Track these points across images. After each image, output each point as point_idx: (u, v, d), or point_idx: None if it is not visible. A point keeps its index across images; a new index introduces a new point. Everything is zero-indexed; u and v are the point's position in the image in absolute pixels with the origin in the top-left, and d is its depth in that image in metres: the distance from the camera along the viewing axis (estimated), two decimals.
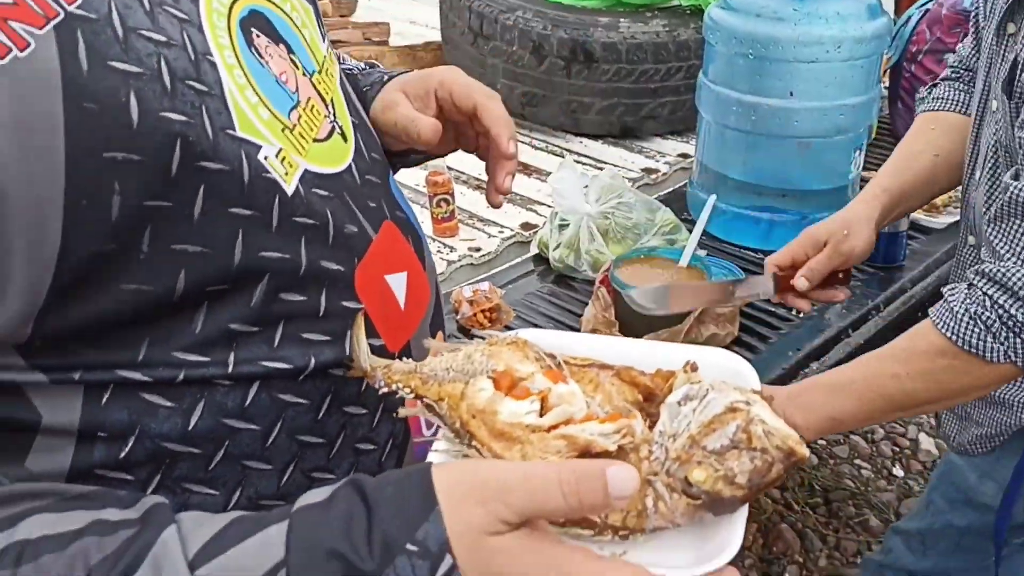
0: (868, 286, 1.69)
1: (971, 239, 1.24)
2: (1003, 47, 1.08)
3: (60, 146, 0.52)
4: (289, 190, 0.64)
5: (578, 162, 2.21)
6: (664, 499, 0.57)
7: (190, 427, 0.63)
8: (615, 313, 1.47)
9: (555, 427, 0.59)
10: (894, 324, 1.62)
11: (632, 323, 1.43)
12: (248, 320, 0.64)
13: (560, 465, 0.53)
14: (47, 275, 0.54)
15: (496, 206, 0.90)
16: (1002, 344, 0.96)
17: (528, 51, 2.25)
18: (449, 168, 1.90)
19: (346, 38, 2.75)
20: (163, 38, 0.58)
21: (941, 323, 1.00)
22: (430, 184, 1.86)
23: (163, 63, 0.57)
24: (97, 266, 0.56)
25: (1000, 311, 0.95)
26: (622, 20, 2.21)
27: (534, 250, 1.81)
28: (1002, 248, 0.99)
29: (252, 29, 0.67)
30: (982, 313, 0.97)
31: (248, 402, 0.65)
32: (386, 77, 0.94)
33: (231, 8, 0.65)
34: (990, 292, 0.97)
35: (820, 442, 2.73)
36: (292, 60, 0.70)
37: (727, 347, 1.50)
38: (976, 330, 0.97)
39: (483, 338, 0.69)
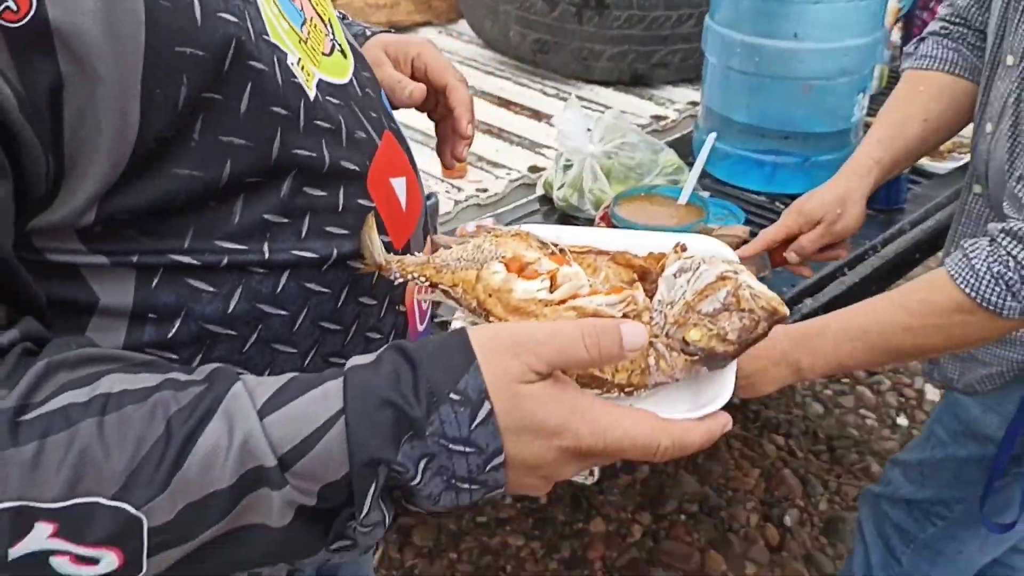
0: (867, 227, 1.69)
1: (976, 188, 1.25)
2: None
3: (141, 39, 0.58)
4: (311, 95, 0.70)
5: (588, 108, 2.24)
6: (665, 357, 0.66)
7: (229, 310, 0.69)
8: None
9: (564, 301, 0.67)
10: (890, 264, 1.65)
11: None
12: (279, 211, 0.70)
13: (582, 322, 0.61)
14: (124, 157, 0.60)
15: (449, 168, 1.04)
16: (1021, 303, 0.99)
17: None
18: None
19: None
20: None
21: (961, 279, 1.01)
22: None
23: None
24: (159, 151, 0.61)
25: (1022, 268, 0.98)
26: None
27: (540, 191, 1.84)
28: (1017, 198, 1.01)
29: None
30: (1004, 273, 0.99)
31: (280, 289, 0.71)
32: (368, 32, 1.04)
33: None
34: (1014, 252, 0.99)
35: (826, 391, 2.77)
36: None
37: None
38: (997, 288, 0.99)
39: (488, 232, 0.75)
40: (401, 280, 0.74)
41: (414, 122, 1.19)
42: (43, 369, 0.56)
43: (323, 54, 0.74)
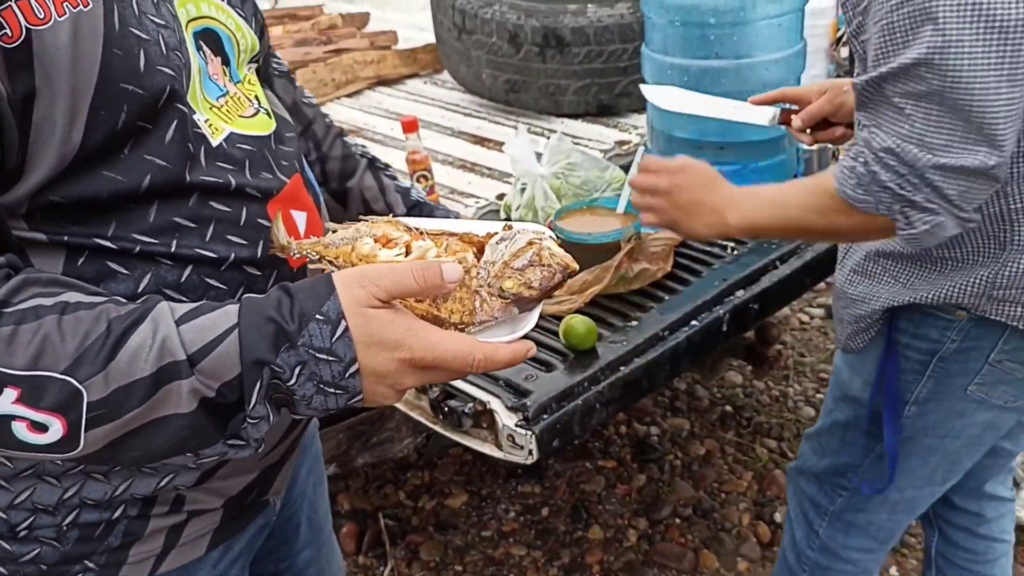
0: None
1: None
2: None
3: (95, 72, 0.78)
4: (214, 143, 0.90)
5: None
6: (487, 301, 0.85)
7: (139, 290, 0.86)
8: None
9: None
10: (822, 255, 1.77)
11: None
12: (187, 217, 0.87)
13: (413, 262, 0.82)
14: (68, 157, 0.78)
15: None
16: (869, 196, 1.14)
17: (506, 41, 2.45)
18: (426, 148, 2.11)
19: (354, 45, 3.00)
20: (163, 22, 0.86)
21: (834, 175, 1.19)
22: (410, 163, 2.07)
23: (161, 37, 0.85)
24: (95, 157, 0.80)
25: (868, 167, 1.13)
26: (589, 6, 2.40)
27: (503, 215, 2.01)
28: (866, 119, 1.17)
29: (200, 41, 0.94)
30: (856, 168, 1.15)
31: (183, 279, 0.88)
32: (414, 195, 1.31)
33: (188, 24, 0.93)
34: (862, 151, 1.15)
35: (818, 395, 2.85)
36: (224, 70, 0.97)
37: (658, 282, 1.68)
38: (851, 181, 1.16)
39: (366, 220, 0.93)
40: (298, 257, 0.92)
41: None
42: (21, 281, 0.75)
43: (241, 116, 0.96)
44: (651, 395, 2.83)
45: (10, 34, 0.73)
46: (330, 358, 0.76)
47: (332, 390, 0.77)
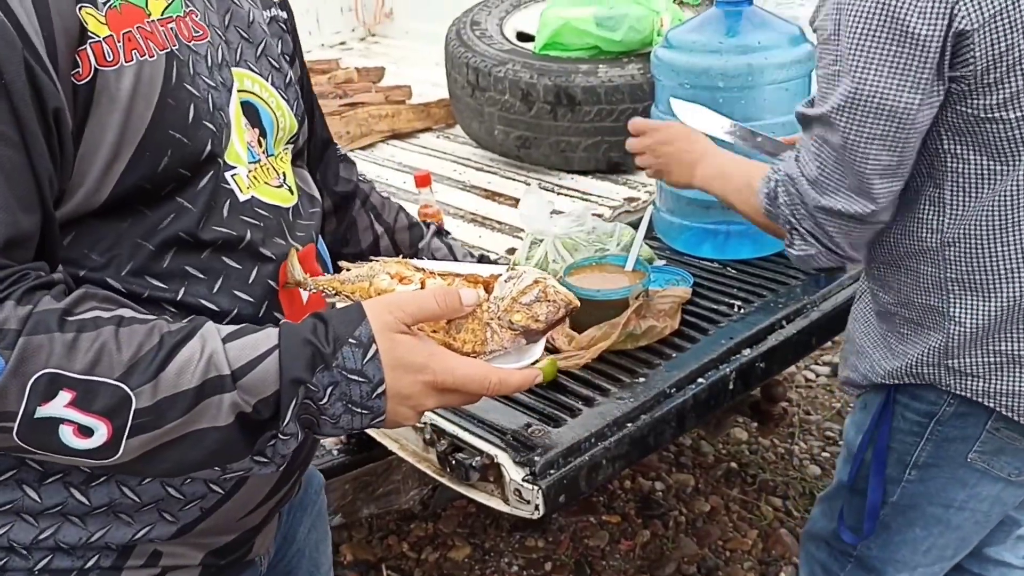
0: (807, 284, 1.86)
1: None
2: None
3: (149, 116, 0.86)
4: (241, 199, 0.96)
5: (568, 196, 2.45)
6: (497, 332, 0.93)
7: None
8: None
9: None
10: (828, 317, 1.79)
11: (577, 317, 1.64)
12: (199, 267, 0.92)
13: (435, 288, 0.92)
14: (105, 189, 0.85)
15: None
16: (770, 205, 1.35)
17: (518, 99, 2.50)
18: (439, 201, 2.15)
19: (369, 99, 3.06)
20: (213, 84, 0.94)
21: (761, 178, 1.39)
22: (422, 216, 2.11)
23: (210, 96, 0.93)
24: (131, 194, 0.87)
25: (773, 183, 1.35)
26: (600, 66, 2.46)
27: None
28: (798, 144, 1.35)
29: (243, 110, 1.01)
30: (770, 178, 1.36)
31: None
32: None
33: (236, 92, 1.00)
34: (776, 169, 1.36)
35: (824, 454, 2.85)
36: (261, 141, 1.04)
37: (665, 339, 1.70)
38: (764, 189, 1.36)
39: (377, 260, 1.01)
40: (314, 290, 0.98)
41: None
42: (82, 294, 0.82)
43: (267, 183, 1.02)
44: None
45: (81, 72, 0.82)
46: (360, 379, 0.83)
47: (359, 410, 0.84)
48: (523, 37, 2.84)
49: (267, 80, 1.05)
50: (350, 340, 0.83)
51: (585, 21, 2.54)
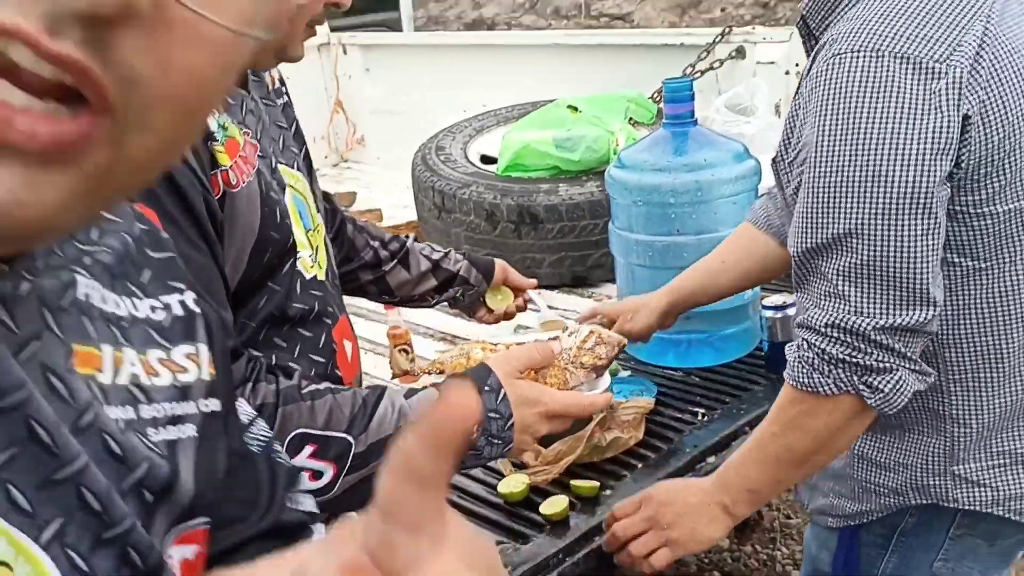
0: (768, 390, 1.90)
1: None
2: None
3: (257, 223, 1.09)
4: (307, 277, 1.21)
5: (531, 309, 2.50)
6: (573, 373, 1.27)
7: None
8: None
9: None
10: None
11: None
12: (282, 338, 1.17)
13: (534, 343, 1.25)
14: (232, 285, 1.07)
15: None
16: (826, 377, 1.15)
17: (483, 219, 2.59)
18: (406, 321, 2.19)
19: None
20: (278, 187, 1.16)
21: (786, 375, 1.20)
22: (391, 337, 2.14)
23: (281, 199, 1.15)
24: (249, 286, 1.10)
25: (816, 349, 1.15)
26: (561, 185, 2.55)
27: None
28: (803, 300, 1.22)
29: None
30: (804, 355, 1.17)
31: None
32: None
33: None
34: (805, 336, 1.17)
35: None
36: (299, 221, 1.24)
37: (631, 450, 1.72)
38: (805, 369, 1.16)
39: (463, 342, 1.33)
40: (424, 374, 1.27)
41: None
42: (298, 375, 1.06)
43: (311, 258, 1.25)
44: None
45: (211, 191, 1.03)
46: (496, 415, 1.08)
47: (496, 440, 1.09)
48: (486, 160, 2.95)
49: (293, 167, 1.25)
50: (485, 388, 1.08)
51: (545, 143, 2.65)
